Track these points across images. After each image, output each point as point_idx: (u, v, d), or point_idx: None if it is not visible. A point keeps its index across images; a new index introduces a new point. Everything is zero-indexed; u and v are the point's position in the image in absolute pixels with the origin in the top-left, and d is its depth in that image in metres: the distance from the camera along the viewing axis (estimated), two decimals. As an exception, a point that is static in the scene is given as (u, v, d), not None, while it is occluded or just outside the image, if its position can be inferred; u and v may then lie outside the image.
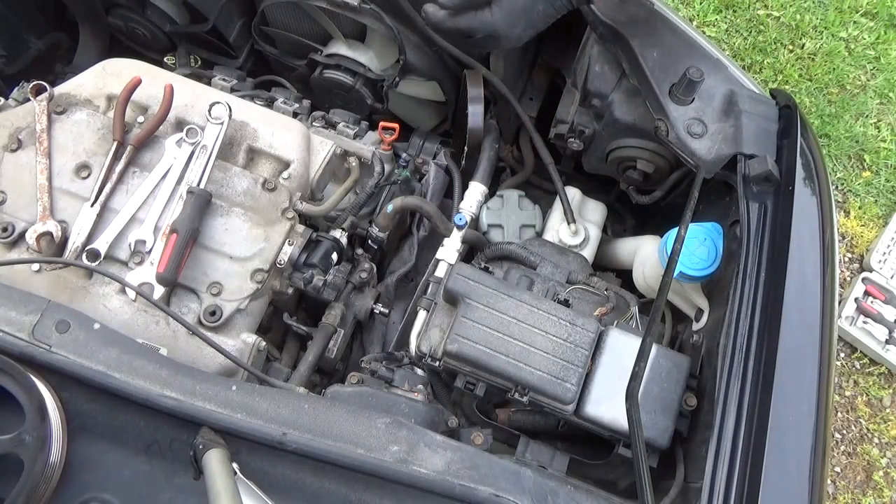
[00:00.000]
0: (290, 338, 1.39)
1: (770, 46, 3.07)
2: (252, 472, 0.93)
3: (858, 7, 3.15)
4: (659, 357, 1.18)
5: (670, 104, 1.30)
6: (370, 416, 0.98)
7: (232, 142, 1.33)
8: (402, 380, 1.23)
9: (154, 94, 1.33)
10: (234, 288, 1.22)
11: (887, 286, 2.64)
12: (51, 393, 0.94)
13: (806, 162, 1.26)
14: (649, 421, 1.12)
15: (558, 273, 1.42)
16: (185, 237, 1.18)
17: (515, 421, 1.32)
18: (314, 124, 1.52)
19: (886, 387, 2.60)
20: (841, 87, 3.03)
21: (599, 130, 1.48)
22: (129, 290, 1.17)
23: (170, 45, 1.81)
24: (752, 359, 1.09)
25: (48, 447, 0.90)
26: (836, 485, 2.44)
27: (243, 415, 0.94)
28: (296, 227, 1.29)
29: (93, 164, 1.26)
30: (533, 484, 0.97)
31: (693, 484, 1.08)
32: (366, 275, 1.39)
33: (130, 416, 0.97)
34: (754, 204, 1.22)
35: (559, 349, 1.16)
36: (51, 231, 1.20)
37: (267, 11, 1.68)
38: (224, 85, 1.53)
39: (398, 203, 1.43)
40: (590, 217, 1.66)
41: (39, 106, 1.28)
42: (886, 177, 2.90)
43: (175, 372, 0.96)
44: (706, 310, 1.31)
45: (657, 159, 1.46)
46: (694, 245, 1.26)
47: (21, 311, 0.97)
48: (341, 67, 1.65)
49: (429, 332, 1.23)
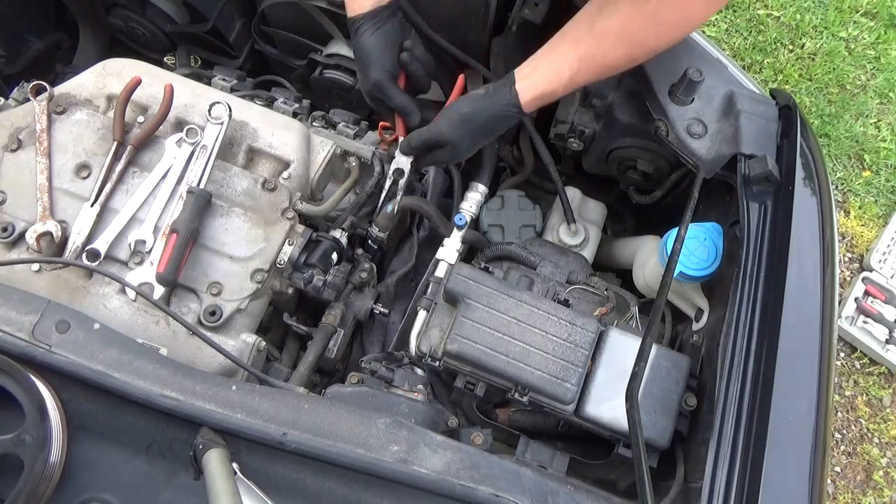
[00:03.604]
0: (290, 338, 1.39)
1: (770, 46, 3.07)
2: (252, 472, 0.93)
3: (858, 7, 3.15)
4: (659, 357, 1.18)
5: (670, 104, 1.30)
6: (370, 416, 0.98)
7: (232, 142, 1.33)
8: (402, 380, 1.23)
9: (154, 94, 1.33)
10: (234, 288, 1.22)
11: (887, 286, 2.64)
12: (51, 393, 0.94)
13: (806, 162, 1.26)
14: (649, 421, 1.12)
15: (558, 273, 1.42)
16: (185, 237, 1.18)
17: (515, 421, 1.32)
18: (314, 124, 1.52)
19: (886, 387, 2.60)
20: (841, 87, 3.03)
21: (599, 130, 1.48)
22: (129, 290, 1.17)
23: (170, 45, 1.81)
24: (752, 359, 1.09)
25: (48, 447, 0.90)
26: (836, 485, 2.44)
27: (243, 415, 0.94)
28: (296, 227, 1.29)
29: (93, 164, 1.26)
30: (533, 484, 0.97)
31: (693, 484, 1.08)
32: (366, 275, 1.38)
33: (130, 416, 0.97)
34: (754, 204, 1.22)
35: (559, 349, 1.16)
36: (51, 231, 1.20)
37: (267, 11, 1.68)
38: (224, 85, 1.52)
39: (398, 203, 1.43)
40: (590, 217, 1.66)
41: (39, 106, 1.28)
42: (886, 177, 2.90)
43: (175, 372, 0.96)
44: (706, 310, 1.31)
45: (657, 159, 1.46)
46: (694, 245, 1.26)
47: (21, 311, 0.97)
48: (341, 67, 1.65)
49: (429, 332, 1.23)
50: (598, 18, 1.17)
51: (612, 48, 1.16)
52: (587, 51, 1.17)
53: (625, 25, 1.14)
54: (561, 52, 1.20)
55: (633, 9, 1.13)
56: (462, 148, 1.29)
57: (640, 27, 1.14)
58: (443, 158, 1.33)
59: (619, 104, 1.40)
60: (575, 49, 1.19)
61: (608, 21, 1.15)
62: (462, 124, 1.25)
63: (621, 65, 1.20)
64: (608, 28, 1.15)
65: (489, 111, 1.24)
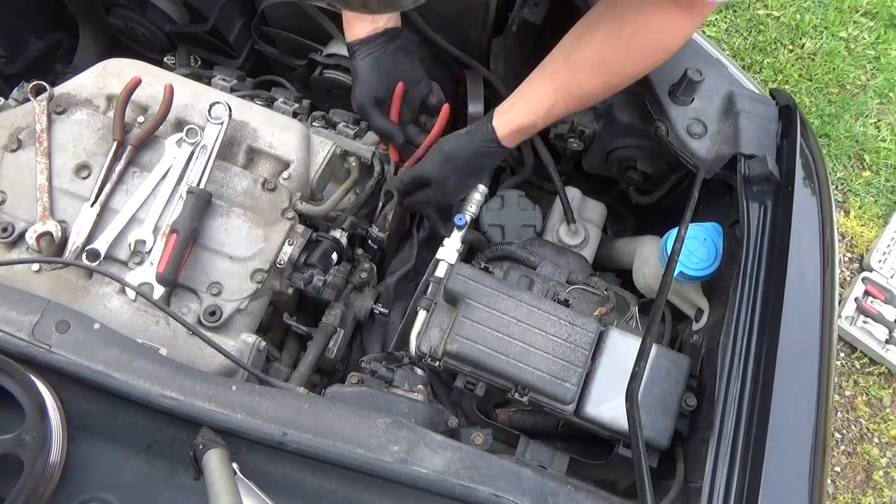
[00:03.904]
0: (290, 338, 1.39)
1: (770, 46, 3.07)
2: (252, 472, 0.93)
3: (858, 7, 3.15)
4: (659, 357, 1.18)
5: (670, 104, 1.30)
6: (370, 416, 0.98)
7: (232, 142, 1.33)
8: (402, 380, 1.23)
9: (154, 94, 1.33)
10: (233, 288, 1.22)
11: (887, 286, 2.64)
12: (51, 393, 0.94)
13: (806, 162, 1.26)
14: (649, 421, 1.12)
15: (558, 273, 1.42)
16: (185, 237, 1.18)
17: (515, 421, 1.32)
18: (314, 124, 1.52)
19: (886, 387, 2.60)
20: (841, 87, 3.03)
21: (599, 130, 1.48)
22: (129, 290, 1.17)
23: (170, 45, 1.81)
24: (752, 359, 1.09)
25: (48, 447, 0.90)
26: (836, 484, 2.44)
27: (243, 415, 0.94)
28: (296, 227, 1.29)
29: (93, 164, 1.26)
30: (533, 484, 0.97)
31: (693, 484, 1.08)
32: (366, 275, 1.39)
33: (130, 416, 0.97)
34: (754, 204, 1.22)
35: (559, 349, 1.16)
36: (51, 231, 1.20)
37: (267, 11, 1.68)
38: (224, 85, 1.52)
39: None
40: (590, 217, 1.66)
41: (39, 106, 1.28)
42: (886, 176, 2.90)
43: (175, 372, 0.96)
44: (706, 310, 1.31)
45: (657, 159, 1.46)
46: (694, 245, 1.26)
47: (21, 311, 0.97)
48: (341, 67, 1.65)
49: (429, 332, 1.23)
50: (574, 50, 1.19)
51: (588, 78, 1.17)
52: (563, 82, 1.19)
53: (600, 55, 1.15)
54: (538, 85, 1.22)
55: (608, 38, 1.14)
56: (448, 186, 1.31)
57: (616, 55, 1.15)
58: (431, 197, 1.35)
59: (619, 104, 1.40)
60: (551, 81, 1.21)
61: (583, 52, 1.17)
62: (445, 162, 1.29)
63: (601, 93, 1.21)
64: (583, 58, 1.17)
65: (469, 148, 1.27)
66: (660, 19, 1.10)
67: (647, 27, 1.11)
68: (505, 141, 1.26)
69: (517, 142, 1.28)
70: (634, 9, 1.11)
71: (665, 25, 1.11)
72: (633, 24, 1.11)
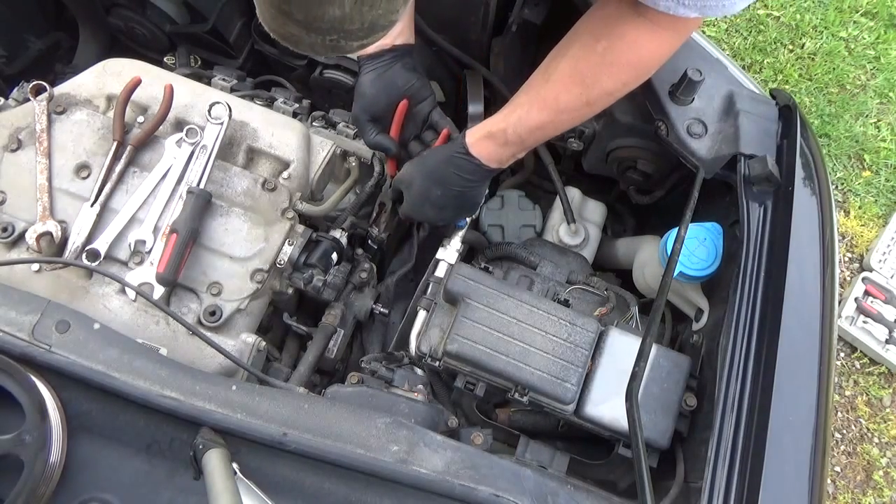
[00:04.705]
0: (290, 338, 1.39)
1: (770, 46, 3.07)
2: (252, 472, 0.93)
3: (858, 7, 3.15)
4: (659, 357, 1.18)
5: (670, 104, 1.30)
6: (370, 416, 0.98)
7: (232, 142, 1.33)
8: (402, 380, 1.23)
9: (154, 94, 1.33)
10: (233, 288, 1.22)
11: (887, 286, 2.64)
12: (51, 393, 0.94)
13: (806, 162, 1.26)
14: (649, 421, 1.12)
15: (558, 273, 1.42)
16: (184, 237, 1.18)
17: (515, 421, 1.32)
18: (314, 124, 1.52)
19: (886, 386, 2.60)
20: (841, 87, 3.03)
21: (599, 130, 1.48)
22: (129, 290, 1.17)
23: (170, 45, 1.81)
24: (752, 359, 1.09)
25: (48, 447, 0.90)
26: (836, 484, 2.44)
27: (243, 415, 0.94)
28: (296, 227, 1.29)
29: (93, 164, 1.26)
30: (533, 484, 0.97)
31: (693, 484, 1.08)
32: (366, 275, 1.39)
33: (130, 416, 0.97)
34: (754, 204, 1.22)
35: (559, 349, 1.16)
36: (51, 231, 1.20)
37: (267, 11, 1.68)
38: (224, 85, 1.52)
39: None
40: (590, 217, 1.66)
41: (39, 106, 1.28)
42: (886, 176, 2.90)
43: (175, 372, 0.96)
44: (706, 310, 1.31)
45: (657, 159, 1.46)
46: (694, 245, 1.26)
47: (21, 311, 0.97)
48: (341, 67, 1.65)
49: (429, 332, 1.23)
50: (552, 60, 1.20)
51: (564, 88, 1.17)
52: (538, 91, 1.19)
53: (576, 66, 1.15)
54: (514, 97, 1.23)
55: (583, 49, 1.14)
56: (413, 189, 1.29)
57: (591, 67, 1.14)
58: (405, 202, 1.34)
59: (619, 104, 1.40)
60: (526, 92, 1.21)
61: (559, 63, 1.17)
62: (414, 165, 1.31)
63: (577, 106, 1.19)
64: (559, 69, 1.17)
65: (438, 154, 1.28)
66: (637, 33, 1.09)
67: (623, 40, 1.10)
68: (473, 147, 1.24)
69: (494, 154, 1.25)
70: (613, 22, 1.10)
71: (642, 40, 1.10)
72: (608, 38, 1.11)
